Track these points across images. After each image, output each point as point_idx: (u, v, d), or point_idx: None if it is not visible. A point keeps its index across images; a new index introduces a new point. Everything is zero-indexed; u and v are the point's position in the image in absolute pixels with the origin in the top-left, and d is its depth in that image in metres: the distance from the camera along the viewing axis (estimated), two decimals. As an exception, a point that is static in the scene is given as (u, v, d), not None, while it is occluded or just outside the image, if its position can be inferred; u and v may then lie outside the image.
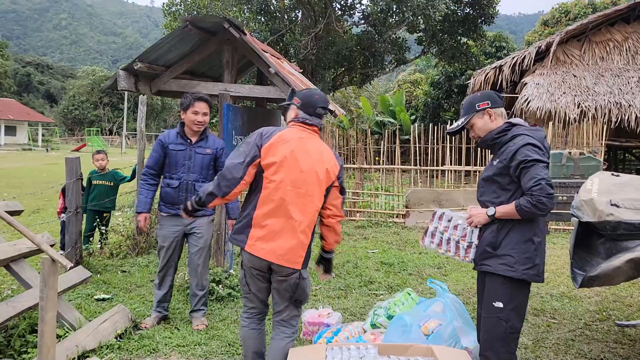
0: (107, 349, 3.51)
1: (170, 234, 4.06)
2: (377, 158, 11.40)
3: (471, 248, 2.75)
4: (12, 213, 3.92)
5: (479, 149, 8.79)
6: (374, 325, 3.65)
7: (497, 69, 14.73)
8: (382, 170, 9.14)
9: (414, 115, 23.65)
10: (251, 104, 7.25)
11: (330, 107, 5.89)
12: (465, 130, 2.91)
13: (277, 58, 5.64)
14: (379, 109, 24.07)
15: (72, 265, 3.02)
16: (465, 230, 2.78)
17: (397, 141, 8.61)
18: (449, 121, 15.97)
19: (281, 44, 15.50)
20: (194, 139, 4.05)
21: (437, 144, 8.96)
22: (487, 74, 14.83)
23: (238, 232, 2.76)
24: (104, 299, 4.63)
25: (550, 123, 8.75)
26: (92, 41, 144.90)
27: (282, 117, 3.04)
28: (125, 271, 5.61)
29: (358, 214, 9.06)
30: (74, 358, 3.25)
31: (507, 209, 2.58)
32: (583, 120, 11.70)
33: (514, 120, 2.79)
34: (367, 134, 8.86)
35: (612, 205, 3.25)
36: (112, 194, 6.52)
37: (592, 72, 14.08)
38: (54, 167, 19.96)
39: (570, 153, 4.35)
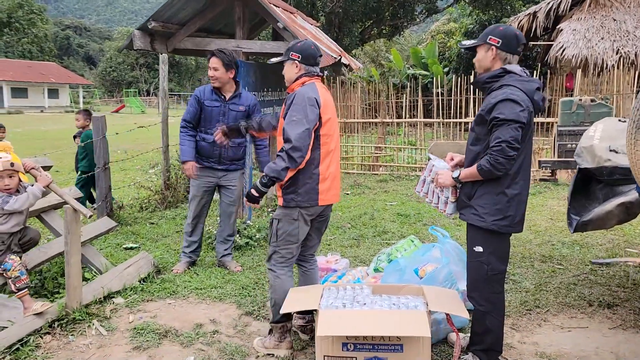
0: (130, 290, 3.84)
1: (204, 184, 4.30)
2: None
3: (447, 203, 2.85)
4: (43, 168, 4.25)
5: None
6: (376, 270, 3.83)
7: (531, 16, 14.14)
8: (404, 124, 9.14)
9: (447, 67, 23.05)
10: (265, 60, 7.32)
11: (344, 60, 5.95)
12: None
13: (290, 12, 5.67)
14: (411, 61, 23.56)
15: (91, 214, 3.29)
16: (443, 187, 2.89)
17: (420, 94, 8.56)
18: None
19: (307, -2, 15.28)
20: (227, 96, 4.17)
21: (462, 95, 8.85)
22: (520, 21, 14.27)
23: (306, 194, 2.90)
24: (131, 248, 4.99)
25: (579, 71, 8.46)
26: (126, 1, 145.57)
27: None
28: (153, 223, 5.96)
29: (381, 168, 9.17)
30: (100, 298, 3.59)
31: (470, 171, 2.65)
32: (619, 67, 11.21)
33: (509, 67, 2.68)
34: (389, 87, 8.81)
35: (610, 151, 3.27)
36: (82, 154, 6.42)
37: (633, 16, 13.33)
38: (93, 128, 20.62)
39: (580, 100, 4.28)
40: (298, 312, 3.21)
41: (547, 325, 3.43)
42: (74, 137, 6.87)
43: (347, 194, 7.71)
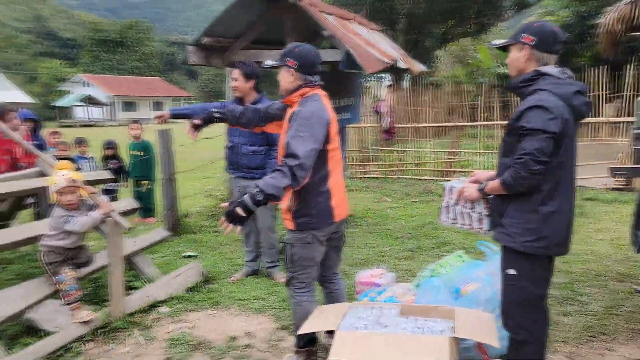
0: (176, 300, 3.95)
1: (236, 193, 4.38)
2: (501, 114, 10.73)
3: (483, 219, 2.60)
4: (100, 182, 4.54)
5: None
6: (418, 286, 3.60)
7: (633, 4, 12.76)
8: (480, 127, 8.64)
9: (542, 63, 21.54)
10: (325, 69, 7.26)
11: (401, 64, 5.73)
12: None
13: (347, 19, 5.58)
14: (502, 59, 22.35)
15: (130, 225, 3.43)
16: (473, 202, 2.63)
17: (496, 95, 8.05)
18: (583, 67, 14.13)
19: (386, 1, 15.05)
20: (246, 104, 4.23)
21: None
22: (621, 10, 12.96)
23: (320, 214, 2.70)
24: (190, 256, 5.15)
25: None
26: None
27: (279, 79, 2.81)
28: (217, 231, 6.13)
29: (454, 174, 8.75)
30: (145, 307, 3.72)
31: (495, 184, 2.39)
32: None
33: (544, 68, 2.40)
34: (464, 88, 8.40)
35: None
36: (143, 163, 6.82)
37: None
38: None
39: (660, 98, 3.70)
40: (327, 331, 3.11)
41: (612, 355, 3.03)
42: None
43: (415, 201, 7.44)
